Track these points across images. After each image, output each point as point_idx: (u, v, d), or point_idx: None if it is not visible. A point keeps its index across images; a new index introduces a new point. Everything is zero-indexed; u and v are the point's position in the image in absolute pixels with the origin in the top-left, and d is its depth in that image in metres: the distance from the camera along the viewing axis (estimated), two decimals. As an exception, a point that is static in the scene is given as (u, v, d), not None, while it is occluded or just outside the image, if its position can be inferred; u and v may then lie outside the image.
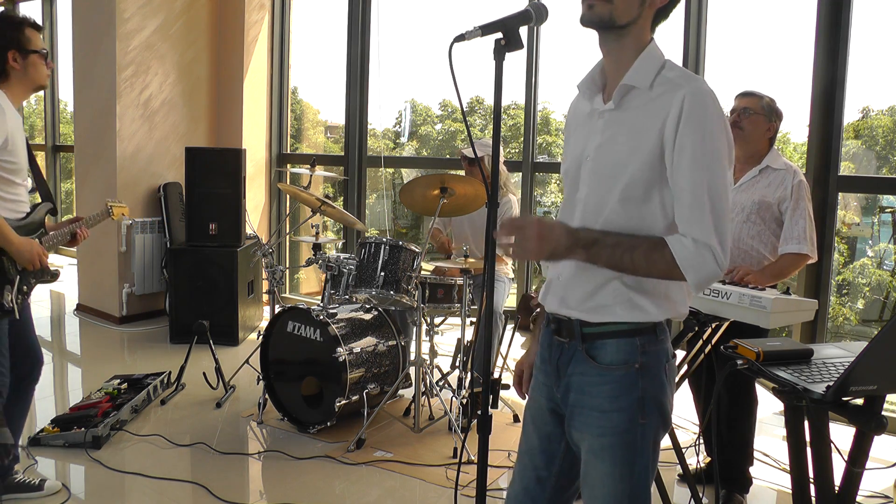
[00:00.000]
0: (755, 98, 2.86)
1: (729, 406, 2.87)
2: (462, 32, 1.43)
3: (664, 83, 1.44)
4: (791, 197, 2.77)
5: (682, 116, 1.39)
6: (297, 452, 3.30)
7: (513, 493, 1.66)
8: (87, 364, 4.76)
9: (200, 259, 5.04)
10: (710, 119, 1.39)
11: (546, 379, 1.60)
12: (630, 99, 1.47)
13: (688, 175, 1.39)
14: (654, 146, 1.42)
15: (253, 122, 6.12)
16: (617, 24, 1.45)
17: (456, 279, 3.60)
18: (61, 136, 8.33)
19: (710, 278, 1.40)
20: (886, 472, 3.07)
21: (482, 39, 1.45)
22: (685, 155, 1.39)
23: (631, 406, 1.47)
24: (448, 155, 11.37)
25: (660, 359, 1.50)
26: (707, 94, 1.41)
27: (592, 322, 1.49)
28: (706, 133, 1.39)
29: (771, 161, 2.84)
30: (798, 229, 2.75)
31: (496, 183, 1.53)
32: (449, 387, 3.86)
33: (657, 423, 1.50)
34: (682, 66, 1.48)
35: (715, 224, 1.39)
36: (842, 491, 1.89)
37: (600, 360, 1.49)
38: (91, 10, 5.56)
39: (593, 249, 1.42)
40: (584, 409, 1.50)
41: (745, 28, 6.64)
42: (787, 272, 2.78)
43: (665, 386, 1.51)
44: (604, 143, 1.49)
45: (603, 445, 1.48)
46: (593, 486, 1.50)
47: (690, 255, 1.38)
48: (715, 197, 1.39)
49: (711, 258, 1.39)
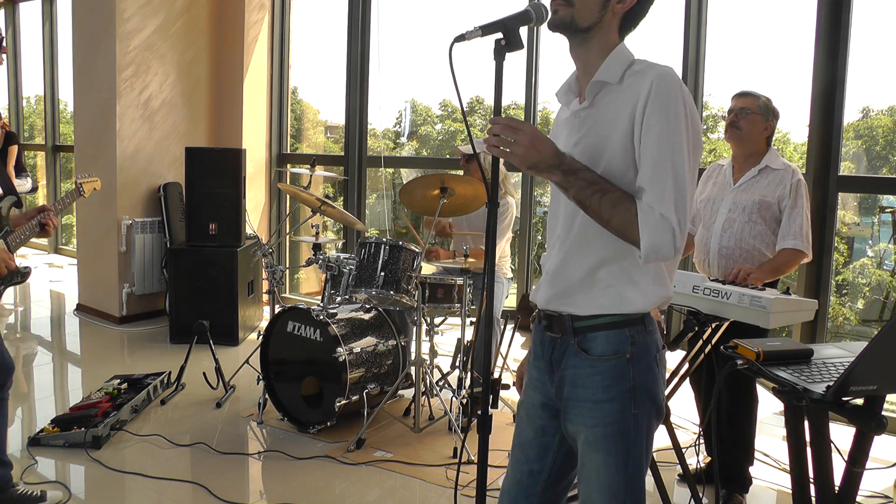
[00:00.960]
0: (752, 98, 2.88)
1: (730, 405, 2.88)
2: (462, 32, 1.43)
3: (632, 75, 1.49)
4: (790, 195, 2.80)
5: (650, 97, 1.42)
6: (297, 452, 3.30)
7: (506, 486, 1.69)
8: (87, 364, 4.76)
9: (200, 259, 5.04)
10: (676, 102, 1.42)
11: (539, 374, 1.63)
12: (602, 95, 1.52)
13: (653, 152, 1.42)
14: (626, 132, 1.46)
15: (253, 122, 6.12)
16: (579, 27, 1.50)
17: (455, 279, 3.61)
18: (61, 136, 8.33)
19: (659, 251, 1.41)
20: (886, 472, 3.07)
21: (482, 39, 1.45)
22: (652, 133, 1.42)
23: (623, 395, 1.49)
24: (448, 155, 11.36)
25: (650, 349, 1.52)
26: (673, 78, 1.44)
27: (583, 315, 1.52)
28: (671, 114, 1.42)
29: (770, 161, 2.86)
30: (795, 226, 2.78)
31: (496, 183, 1.53)
32: (449, 387, 3.86)
33: (650, 412, 1.52)
34: (650, 61, 1.51)
35: (676, 202, 1.41)
36: (842, 491, 1.89)
37: (592, 352, 1.52)
38: (91, 10, 5.56)
39: (571, 177, 1.44)
40: (577, 401, 1.53)
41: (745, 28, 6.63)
42: (785, 268, 2.80)
43: (657, 376, 1.53)
44: (580, 140, 1.53)
45: (597, 436, 1.50)
46: (589, 477, 1.52)
47: (653, 220, 1.41)
48: (678, 175, 1.42)
49: (670, 235, 1.41)
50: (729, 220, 2.87)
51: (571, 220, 1.55)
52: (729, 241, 2.86)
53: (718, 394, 2.60)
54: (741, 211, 2.84)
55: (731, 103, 2.96)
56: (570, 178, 1.44)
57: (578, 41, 1.54)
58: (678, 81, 1.45)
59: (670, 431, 2.60)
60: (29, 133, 9.53)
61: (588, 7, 1.49)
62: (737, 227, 2.84)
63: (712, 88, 4.90)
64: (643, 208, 1.42)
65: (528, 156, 1.42)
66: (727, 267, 2.83)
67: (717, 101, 6.79)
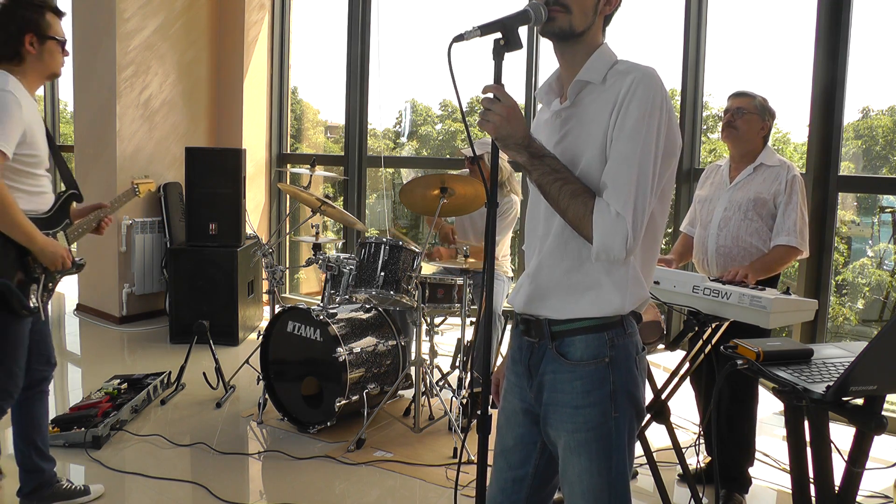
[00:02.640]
0: (748, 98, 2.90)
1: (730, 405, 2.87)
2: (461, 32, 1.43)
3: (615, 75, 1.48)
4: (784, 191, 2.80)
5: (628, 95, 1.42)
6: (297, 452, 3.30)
7: (490, 494, 1.68)
8: (87, 364, 4.76)
9: (200, 259, 5.04)
10: (653, 103, 1.42)
11: (518, 380, 1.62)
12: (584, 95, 1.52)
13: (621, 147, 1.42)
14: (605, 130, 1.45)
15: (253, 122, 6.12)
16: (576, 31, 1.51)
17: (455, 279, 3.61)
18: (61, 136, 8.33)
19: (610, 251, 1.41)
20: (886, 472, 3.07)
21: (481, 39, 1.45)
22: (623, 131, 1.42)
23: (603, 400, 1.48)
24: (448, 155, 11.37)
25: (629, 351, 1.51)
26: (655, 80, 1.44)
27: (560, 319, 1.51)
28: (645, 115, 1.41)
29: (765, 158, 2.87)
30: (789, 223, 2.78)
31: (495, 183, 1.53)
32: (449, 387, 3.86)
33: (630, 415, 1.51)
34: (634, 62, 1.51)
35: (635, 202, 1.40)
36: (842, 491, 1.89)
37: (570, 357, 1.50)
38: (91, 10, 5.56)
39: (536, 161, 1.45)
40: (557, 406, 1.52)
41: (745, 28, 6.64)
42: (777, 265, 2.79)
43: (637, 378, 1.53)
44: (561, 140, 1.53)
45: (578, 441, 1.49)
46: (572, 482, 1.51)
47: (608, 219, 1.40)
48: (642, 177, 1.41)
49: (622, 236, 1.40)
50: (725, 219, 2.87)
51: (550, 222, 1.54)
52: (726, 240, 2.86)
53: (718, 394, 2.60)
54: (737, 209, 2.85)
55: (727, 103, 2.98)
56: (536, 162, 1.45)
57: (569, 44, 1.54)
58: (659, 84, 1.44)
59: (670, 431, 2.60)
60: (29, 133, 9.53)
61: (584, 12, 1.50)
62: (733, 224, 2.85)
63: (712, 88, 4.90)
64: (600, 205, 1.42)
65: (500, 127, 1.43)
66: (726, 265, 2.83)
67: (716, 101, 6.79)
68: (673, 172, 1.52)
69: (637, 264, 1.51)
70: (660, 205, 1.51)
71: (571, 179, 1.45)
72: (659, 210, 1.52)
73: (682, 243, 3.15)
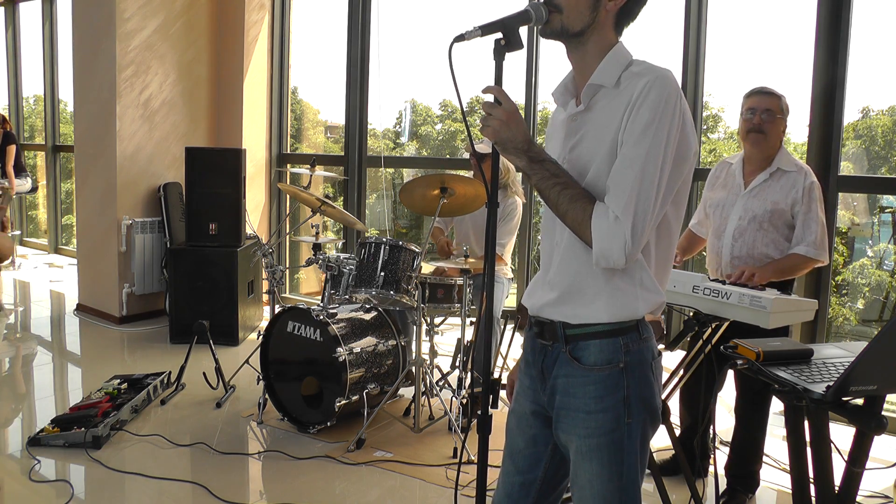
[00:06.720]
0: (775, 98, 2.78)
1: (740, 403, 2.87)
2: (462, 32, 1.43)
3: (629, 77, 1.45)
4: (802, 200, 2.72)
5: (641, 97, 1.39)
6: (297, 452, 3.30)
7: (497, 498, 1.66)
8: (87, 364, 4.76)
9: (200, 259, 5.04)
10: (666, 107, 1.38)
11: (531, 382, 1.60)
12: (598, 98, 1.49)
13: (627, 151, 1.40)
14: (615, 135, 1.43)
15: (253, 122, 6.12)
16: (571, 31, 1.48)
17: (456, 279, 3.60)
18: (61, 136, 8.33)
19: (609, 257, 1.39)
20: (886, 472, 3.07)
21: (482, 39, 1.45)
22: (633, 134, 1.39)
23: (616, 406, 1.46)
24: (448, 155, 11.36)
25: (644, 357, 1.49)
26: (670, 83, 1.40)
27: (574, 323, 1.50)
28: (657, 118, 1.38)
29: (782, 163, 2.78)
30: (811, 234, 2.71)
31: (496, 183, 1.53)
32: (449, 387, 3.86)
33: (645, 420, 1.49)
34: (649, 62, 1.47)
35: (636, 208, 1.37)
36: (842, 491, 1.89)
37: (584, 361, 1.48)
38: (91, 10, 5.56)
39: (535, 165, 1.44)
40: (570, 410, 1.50)
41: (745, 28, 6.64)
42: (792, 272, 2.74)
43: (652, 384, 1.51)
44: (575, 145, 1.51)
45: (590, 447, 1.47)
46: (583, 487, 1.49)
47: (607, 224, 1.38)
48: (646, 182, 1.38)
49: (621, 242, 1.37)
50: (740, 229, 2.79)
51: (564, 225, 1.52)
52: (741, 251, 2.79)
53: (717, 395, 2.60)
54: (752, 218, 2.77)
55: (750, 101, 2.81)
56: (535, 166, 1.44)
57: (574, 45, 1.51)
58: (674, 87, 1.40)
59: (670, 431, 2.60)
60: (29, 133, 9.53)
61: (577, 11, 1.46)
62: (748, 235, 2.78)
63: (712, 88, 4.90)
64: (599, 209, 1.40)
65: (500, 131, 1.42)
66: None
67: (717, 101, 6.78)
68: (688, 176, 1.49)
69: (652, 269, 1.49)
70: (674, 209, 1.49)
71: (571, 184, 1.43)
72: (674, 214, 1.50)
73: (686, 238, 3.11)
